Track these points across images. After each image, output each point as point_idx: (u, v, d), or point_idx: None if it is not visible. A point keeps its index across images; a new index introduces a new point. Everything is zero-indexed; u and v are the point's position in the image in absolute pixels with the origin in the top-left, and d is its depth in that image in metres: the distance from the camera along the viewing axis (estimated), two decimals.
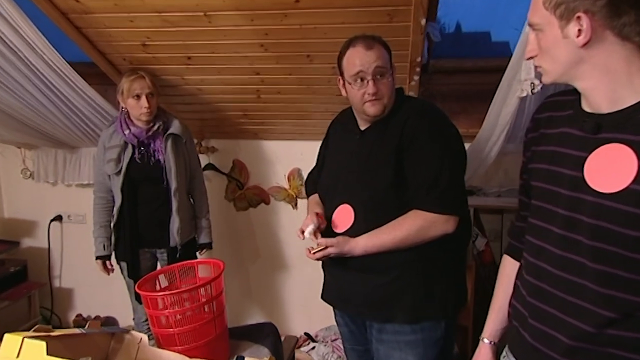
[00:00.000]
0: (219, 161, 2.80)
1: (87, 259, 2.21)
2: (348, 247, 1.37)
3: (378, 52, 1.37)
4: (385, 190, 1.35)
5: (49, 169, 2.89)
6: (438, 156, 1.32)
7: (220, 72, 2.16)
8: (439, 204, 1.31)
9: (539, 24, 0.92)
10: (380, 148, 1.39)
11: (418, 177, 1.33)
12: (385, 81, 1.38)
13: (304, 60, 2.00)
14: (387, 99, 1.39)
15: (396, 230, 1.33)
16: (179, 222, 2.11)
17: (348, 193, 1.44)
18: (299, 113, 2.44)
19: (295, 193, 2.75)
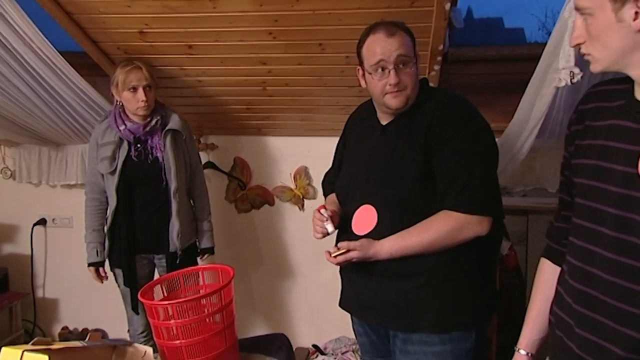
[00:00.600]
0: (219, 159, 2.79)
1: (74, 266, 2.21)
2: (373, 251, 1.37)
3: (401, 39, 1.37)
4: (412, 189, 1.35)
5: (32, 168, 2.88)
6: (469, 152, 1.32)
7: (223, 62, 2.16)
8: (472, 203, 1.31)
9: (588, 7, 0.92)
10: (404, 144, 1.39)
11: (448, 175, 1.33)
12: (408, 71, 1.38)
13: (315, 49, 2.01)
14: (410, 90, 1.39)
15: (425, 232, 1.33)
16: (179, 226, 2.11)
17: (370, 193, 1.44)
18: (307, 106, 2.44)
19: (302, 193, 2.75)
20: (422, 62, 2.02)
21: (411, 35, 1.42)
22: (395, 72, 1.37)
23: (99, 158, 2.10)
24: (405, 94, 1.39)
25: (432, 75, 2.13)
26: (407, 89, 1.38)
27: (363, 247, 1.37)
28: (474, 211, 1.31)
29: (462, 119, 1.36)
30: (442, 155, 1.34)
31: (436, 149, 1.34)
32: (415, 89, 1.41)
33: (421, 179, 1.34)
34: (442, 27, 1.85)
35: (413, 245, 1.34)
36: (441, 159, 1.34)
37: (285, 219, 2.81)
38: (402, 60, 1.38)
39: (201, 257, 2.31)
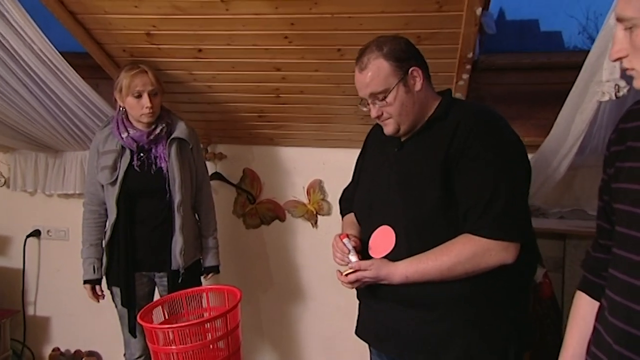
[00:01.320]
0: (228, 170, 2.83)
1: (68, 282, 2.25)
2: (385, 272, 1.39)
3: (372, 73, 1.42)
4: (432, 210, 1.36)
5: (27, 175, 2.95)
6: (494, 169, 1.32)
7: (235, 66, 2.20)
8: (496, 227, 1.31)
9: (633, 17, 0.92)
10: (424, 160, 1.41)
11: (469, 194, 1.33)
12: (386, 102, 1.43)
13: (334, 54, 2.03)
14: (399, 116, 1.44)
15: (443, 255, 1.34)
16: (183, 242, 2.14)
17: (388, 213, 1.46)
18: (323, 116, 2.47)
19: (316, 209, 2.78)
20: (449, 70, 2.08)
21: (390, 55, 1.42)
22: (374, 107, 1.45)
23: (99, 167, 2.14)
24: (393, 121, 1.45)
25: (460, 85, 2.14)
26: (392, 116, 1.44)
27: (375, 267, 1.39)
28: (497, 236, 1.31)
29: (487, 132, 1.36)
30: (463, 173, 1.35)
31: (458, 166, 1.35)
32: (410, 112, 1.43)
33: (441, 199, 1.35)
34: (473, 33, 1.86)
35: (429, 269, 1.35)
36: (462, 177, 1.35)
37: (297, 236, 2.83)
38: (375, 97, 1.44)
39: (205, 276, 2.33)
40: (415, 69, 1.43)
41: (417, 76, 1.43)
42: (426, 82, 1.46)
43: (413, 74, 1.43)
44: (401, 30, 1.86)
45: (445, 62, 2.03)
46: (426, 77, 1.47)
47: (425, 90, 1.45)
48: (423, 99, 1.45)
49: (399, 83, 1.42)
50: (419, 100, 1.45)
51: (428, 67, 1.50)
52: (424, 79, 1.45)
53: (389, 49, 1.42)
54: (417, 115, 1.45)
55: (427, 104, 1.46)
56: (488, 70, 2.49)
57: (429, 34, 1.90)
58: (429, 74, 1.50)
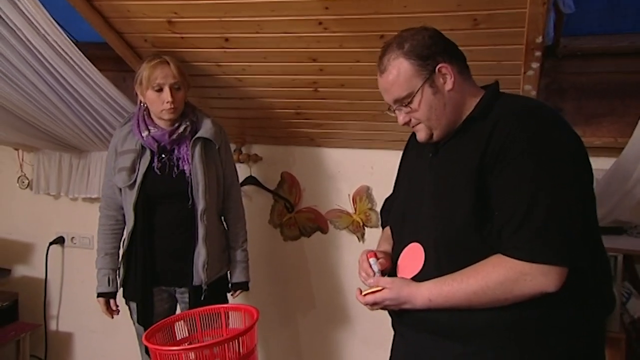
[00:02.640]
0: (264, 174, 2.87)
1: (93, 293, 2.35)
2: (407, 293, 1.37)
3: (392, 76, 1.43)
4: (463, 225, 1.33)
5: (51, 177, 3.13)
6: (533, 175, 1.27)
7: (266, 57, 2.23)
8: (532, 246, 1.25)
9: None
10: (457, 167, 1.38)
11: (504, 207, 1.29)
12: (411, 108, 1.42)
13: (376, 42, 2.01)
14: (428, 121, 1.43)
15: (470, 278, 1.30)
16: (206, 254, 2.18)
17: (419, 228, 1.45)
18: (369, 112, 2.45)
19: (363, 220, 2.77)
20: (514, 58, 2.03)
21: (411, 53, 1.40)
22: (400, 112, 1.46)
23: (116, 168, 2.23)
24: (424, 126, 1.45)
25: (529, 76, 2.07)
26: (422, 121, 1.44)
27: (396, 287, 1.39)
28: (533, 257, 1.25)
29: (530, 133, 1.30)
30: (498, 181, 1.30)
31: (493, 173, 1.31)
32: (442, 115, 1.42)
33: (475, 212, 1.31)
34: (541, 13, 1.79)
35: (454, 292, 1.32)
36: (497, 186, 1.30)
37: (342, 250, 2.84)
38: (399, 103, 1.44)
39: (233, 293, 2.38)
40: (443, 66, 1.40)
41: (446, 73, 1.40)
42: (461, 78, 1.43)
43: (441, 72, 1.40)
44: (453, 12, 1.85)
45: (508, 48, 1.99)
46: (460, 72, 1.43)
47: (459, 87, 1.42)
48: (457, 99, 1.42)
49: (424, 84, 1.40)
50: (451, 101, 1.42)
51: (465, 59, 1.47)
52: (457, 75, 1.41)
53: (410, 46, 1.41)
54: (450, 118, 1.43)
55: (463, 102, 1.43)
56: (571, 57, 2.40)
57: (487, 16, 1.85)
58: (465, 67, 1.46)
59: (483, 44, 1.98)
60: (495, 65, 2.08)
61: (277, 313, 2.93)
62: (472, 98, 1.44)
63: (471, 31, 1.92)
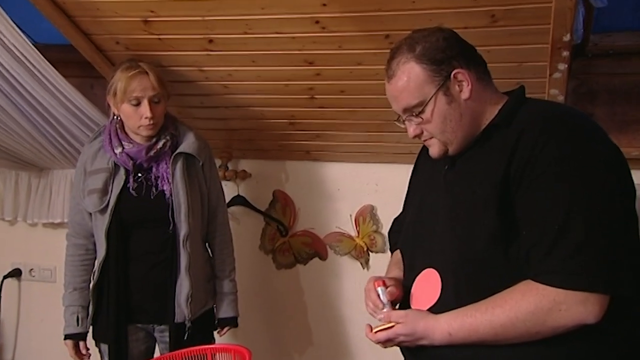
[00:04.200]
0: (253, 193, 2.86)
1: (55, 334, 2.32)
2: (423, 327, 1.36)
3: (401, 82, 1.43)
4: (487, 246, 1.32)
5: (6, 200, 3.09)
6: (566, 192, 1.26)
7: (255, 61, 2.23)
8: (566, 272, 1.24)
9: None
10: (478, 182, 1.38)
11: (533, 227, 1.28)
12: (425, 117, 1.43)
13: (380, 42, 2.02)
14: (442, 134, 1.44)
15: (496, 308, 1.29)
16: (190, 286, 2.17)
17: (435, 252, 1.44)
18: (372, 122, 2.45)
19: (367, 244, 2.76)
20: (539, 59, 2.04)
21: (423, 56, 1.41)
22: (410, 123, 1.47)
23: (85, 190, 2.21)
24: (437, 141, 1.46)
25: (556, 79, 2.08)
26: (434, 135, 1.45)
27: (411, 320, 1.37)
28: (569, 284, 1.24)
29: (562, 142, 1.30)
30: (526, 197, 1.30)
31: (519, 188, 1.31)
32: (455, 127, 1.43)
33: (499, 232, 1.31)
34: (568, 8, 1.81)
35: (478, 325, 1.30)
36: (524, 203, 1.30)
37: (343, 279, 2.82)
38: (409, 112, 1.45)
39: (220, 330, 2.36)
40: (459, 72, 1.40)
41: (462, 80, 1.40)
42: (479, 85, 1.43)
43: (457, 78, 1.40)
44: (468, 8, 1.85)
45: (531, 48, 2.00)
46: (479, 78, 1.44)
47: (477, 96, 1.42)
48: (476, 108, 1.43)
49: (438, 92, 1.40)
50: (468, 111, 1.42)
51: (485, 64, 1.47)
52: (475, 82, 1.42)
53: (422, 49, 1.41)
54: (467, 131, 1.43)
55: (482, 112, 1.44)
56: (603, 57, 2.41)
57: (506, 12, 1.86)
58: (485, 72, 1.47)
59: (502, 44, 1.99)
60: (516, 67, 2.10)
61: (271, 352, 2.91)
62: (493, 106, 1.44)
63: (489, 29, 1.93)
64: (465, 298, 1.35)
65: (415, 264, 1.50)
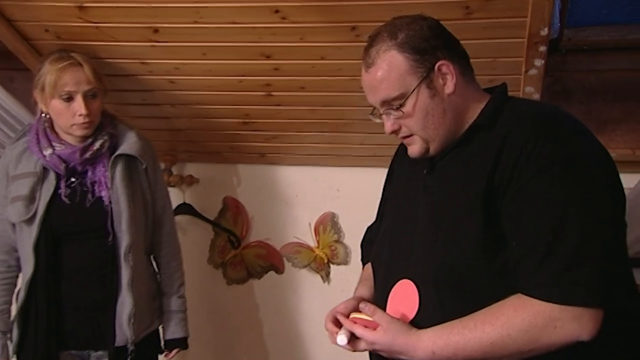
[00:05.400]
0: (201, 200, 2.84)
1: None
2: (403, 342, 1.36)
3: (382, 72, 1.42)
4: (472, 257, 1.34)
5: None
6: (560, 199, 1.28)
7: (206, 53, 2.21)
8: (560, 286, 1.26)
9: None
10: (460, 187, 1.39)
11: (523, 237, 1.30)
12: (406, 111, 1.43)
13: (346, 34, 2.03)
14: (424, 131, 1.44)
15: (486, 324, 1.30)
16: (133, 304, 2.14)
17: (411, 263, 1.45)
18: (334, 121, 2.47)
19: (327, 255, 2.77)
20: (514, 54, 2.07)
21: (406, 45, 1.41)
22: (388, 117, 1.45)
23: (9, 198, 2.15)
24: (418, 139, 1.46)
25: (532, 75, 2.12)
26: (415, 133, 1.45)
27: (391, 330, 1.37)
28: (563, 299, 1.25)
29: (552, 145, 1.32)
30: (514, 205, 1.31)
31: (506, 195, 1.32)
32: (437, 124, 1.43)
33: (485, 240, 1.32)
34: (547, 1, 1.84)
35: (467, 343, 1.31)
36: (513, 211, 1.32)
37: (301, 294, 2.83)
38: (388, 105, 1.44)
39: (167, 353, 2.33)
40: (444, 63, 1.41)
41: (447, 73, 1.41)
42: (463, 80, 1.44)
43: (441, 71, 1.41)
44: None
45: (507, 42, 2.03)
46: (463, 72, 1.45)
47: (461, 91, 1.43)
48: (459, 104, 1.44)
49: (421, 84, 1.41)
50: (452, 107, 1.43)
51: (467, 58, 1.49)
52: (459, 76, 1.43)
53: (405, 37, 1.41)
54: (450, 128, 1.44)
55: (465, 109, 1.45)
56: (578, 52, 2.47)
57: (482, 4, 1.89)
58: (468, 67, 1.48)
59: (477, 37, 2.01)
60: (490, 63, 2.13)
61: None
62: (475, 104, 1.46)
63: (462, 22, 1.95)
64: (446, 313, 1.36)
65: (391, 277, 1.49)
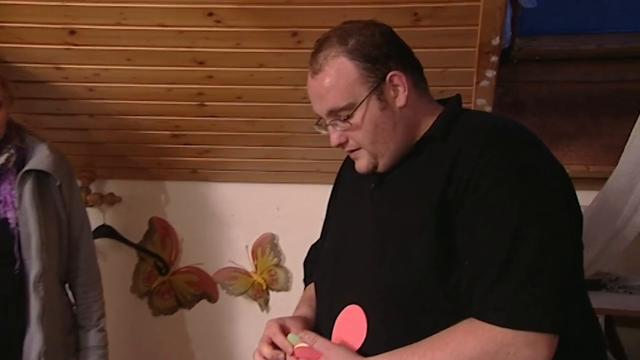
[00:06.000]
0: (124, 221, 2.82)
1: None
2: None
3: (329, 79, 1.42)
4: (422, 278, 1.35)
5: None
6: (514, 217, 1.29)
7: (131, 59, 2.19)
8: (514, 309, 1.27)
9: None
10: (410, 202, 1.40)
11: (476, 257, 1.31)
12: (354, 122, 1.43)
13: (286, 40, 2.04)
14: (373, 145, 1.45)
15: (436, 351, 1.31)
16: (43, 340, 2.08)
17: (357, 285, 1.45)
18: (275, 134, 2.47)
19: (266, 281, 2.77)
20: (464, 65, 2.10)
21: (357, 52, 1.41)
22: (335, 129, 1.45)
23: None
24: (365, 153, 1.46)
25: (483, 87, 2.16)
26: (362, 146, 1.45)
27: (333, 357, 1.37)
28: (517, 324, 1.27)
29: (507, 160, 1.34)
30: (468, 221, 1.33)
31: (459, 212, 1.34)
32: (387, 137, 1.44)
33: (437, 262, 1.33)
34: (498, 8, 1.88)
35: None
36: (467, 228, 1.33)
37: (238, 324, 2.83)
38: (335, 116, 1.44)
39: None
40: (396, 74, 1.41)
41: (399, 84, 1.42)
42: (416, 92, 1.45)
43: (393, 81, 1.41)
44: (388, 4, 1.89)
45: (458, 52, 2.06)
46: (416, 84, 1.46)
47: (413, 103, 1.44)
48: (411, 117, 1.45)
49: (371, 95, 1.41)
50: (403, 120, 1.44)
51: (421, 69, 1.50)
52: (412, 88, 1.44)
53: (356, 43, 1.41)
54: (400, 142, 1.44)
55: (418, 122, 1.46)
56: (529, 62, 2.52)
57: (431, 10, 1.92)
58: (421, 78, 1.49)
59: (426, 46, 2.03)
60: (440, 73, 2.16)
61: None
62: (428, 117, 1.47)
63: (411, 29, 1.97)
64: (396, 339, 1.36)
65: (335, 300, 1.49)
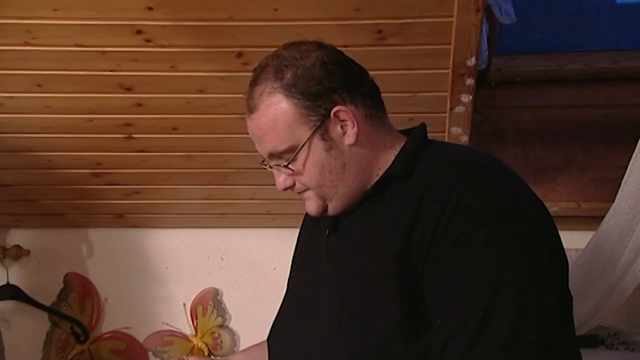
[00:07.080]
0: (33, 279, 2.79)
1: None
2: None
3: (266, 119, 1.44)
4: (387, 342, 1.35)
5: None
6: (489, 268, 1.30)
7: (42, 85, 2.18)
8: None
9: None
10: (371, 253, 1.41)
11: (450, 314, 1.32)
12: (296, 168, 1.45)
13: (230, 62, 2.05)
14: (320, 188, 1.47)
15: None
16: None
17: (315, 354, 1.47)
18: (216, 172, 2.47)
19: (209, 345, 2.77)
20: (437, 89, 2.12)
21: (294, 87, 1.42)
22: (279, 172, 1.49)
23: None
24: (314, 194, 1.48)
25: (458, 113, 2.19)
26: (311, 189, 1.48)
27: None
28: None
29: (481, 200, 1.34)
30: (437, 274, 1.33)
31: (426, 262, 1.34)
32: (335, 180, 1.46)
33: (403, 322, 1.34)
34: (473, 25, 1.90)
35: None
36: (436, 281, 1.33)
37: None
38: (277, 159, 1.46)
39: None
40: (341, 109, 1.41)
41: (346, 120, 1.42)
42: (369, 125, 1.46)
43: (339, 117, 1.42)
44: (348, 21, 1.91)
45: (429, 74, 2.08)
46: (369, 116, 1.46)
47: (367, 139, 1.45)
48: (364, 155, 1.46)
49: (313, 136, 1.41)
50: (354, 159, 1.44)
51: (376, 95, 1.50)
52: (363, 121, 1.44)
53: (292, 76, 1.41)
54: (353, 184, 1.45)
55: (374, 159, 1.47)
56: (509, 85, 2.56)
57: (397, 27, 1.93)
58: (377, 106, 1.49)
59: (392, 68, 2.07)
60: (409, 98, 2.18)
61: None
62: (388, 151, 1.48)
63: (374, 48, 2.00)
64: None
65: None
